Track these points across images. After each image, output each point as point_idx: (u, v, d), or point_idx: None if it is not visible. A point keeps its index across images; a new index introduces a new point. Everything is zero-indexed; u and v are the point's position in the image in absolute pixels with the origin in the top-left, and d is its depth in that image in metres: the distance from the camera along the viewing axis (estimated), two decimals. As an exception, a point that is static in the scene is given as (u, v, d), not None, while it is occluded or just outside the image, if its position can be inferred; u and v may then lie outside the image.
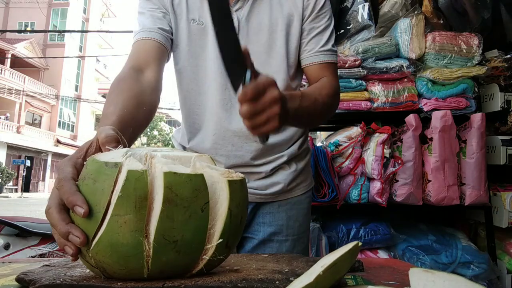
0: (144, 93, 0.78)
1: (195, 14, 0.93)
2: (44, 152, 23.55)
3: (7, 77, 20.62)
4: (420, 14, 1.97)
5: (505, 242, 1.92)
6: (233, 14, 0.92)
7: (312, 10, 0.95)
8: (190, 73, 0.96)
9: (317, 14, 0.96)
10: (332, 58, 0.97)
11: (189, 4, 0.94)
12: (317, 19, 0.96)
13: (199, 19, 0.93)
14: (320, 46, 0.95)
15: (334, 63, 0.98)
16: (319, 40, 0.96)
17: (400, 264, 0.71)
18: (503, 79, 2.02)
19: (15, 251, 2.52)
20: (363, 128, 1.85)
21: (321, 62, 0.95)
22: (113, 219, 0.44)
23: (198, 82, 0.96)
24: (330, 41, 0.97)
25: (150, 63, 0.85)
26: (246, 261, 0.61)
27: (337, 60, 1.00)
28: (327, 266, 0.36)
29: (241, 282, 0.45)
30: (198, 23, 0.93)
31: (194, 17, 0.93)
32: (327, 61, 0.96)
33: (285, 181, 0.99)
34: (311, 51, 0.96)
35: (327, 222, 1.96)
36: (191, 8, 0.93)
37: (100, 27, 28.25)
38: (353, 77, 1.93)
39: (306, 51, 0.96)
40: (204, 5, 0.93)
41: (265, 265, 0.56)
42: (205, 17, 0.93)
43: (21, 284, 0.49)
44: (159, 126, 28.93)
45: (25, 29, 22.38)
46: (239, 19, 0.92)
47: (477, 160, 1.77)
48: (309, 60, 0.96)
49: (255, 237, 1.00)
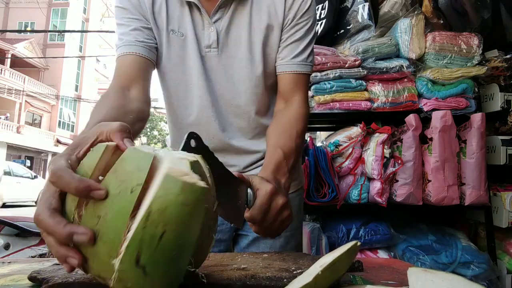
0: (129, 104, 0.77)
1: (175, 24, 0.89)
2: (44, 152, 23.55)
3: (7, 77, 20.61)
4: (420, 14, 1.97)
5: (505, 242, 1.92)
6: (212, 26, 0.88)
7: (292, 18, 0.91)
8: (172, 87, 0.94)
9: (296, 22, 0.92)
10: (305, 68, 0.93)
11: (169, 13, 0.89)
12: (295, 27, 0.92)
13: (179, 30, 0.89)
14: (294, 55, 0.91)
15: (307, 74, 0.94)
16: (294, 48, 0.91)
17: (400, 264, 0.71)
18: (503, 79, 2.02)
19: (15, 251, 2.52)
20: (363, 128, 1.85)
21: (292, 72, 0.92)
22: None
23: (179, 97, 0.94)
24: (305, 51, 0.92)
25: (134, 80, 0.84)
26: (252, 259, 0.61)
27: (311, 71, 0.96)
28: (326, 266, 0.36)
29: (250, 280, 0.45)
30: (178, 34, 0.89)
31: (173, 28, 0.89)
32: (298, 72, 0.92)
33: None
34: (284, 59, 0.92)
35: (327, 222, 1.96)
36: (171, 18, 0.89)
37: (100, 27, 28.22)
38: (353, 77, 1.93)
39: (279, 59, 0.93)
40: (185, 15, 0.89)
41: (271, 263, 0.56)
42: (185, 28, 0.89)
43: (34, 283, 0.50)
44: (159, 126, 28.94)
45: (25, 29, 22.37)
46: (218, 32, 0.89)
47: (477, 160, 1.77)
48: (280, 68, 0.93)
49: (249, 234, 1.00)
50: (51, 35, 25.29)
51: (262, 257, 0.63)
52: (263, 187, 0.66)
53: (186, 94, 0.93)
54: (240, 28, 0.90)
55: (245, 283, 0.44)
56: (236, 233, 1.04)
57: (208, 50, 0.90)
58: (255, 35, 0.91)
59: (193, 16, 0.89)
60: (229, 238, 1.02)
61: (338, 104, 1.91)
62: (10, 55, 21.48)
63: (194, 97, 0.92)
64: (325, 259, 0.39)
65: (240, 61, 0.92)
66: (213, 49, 0.90)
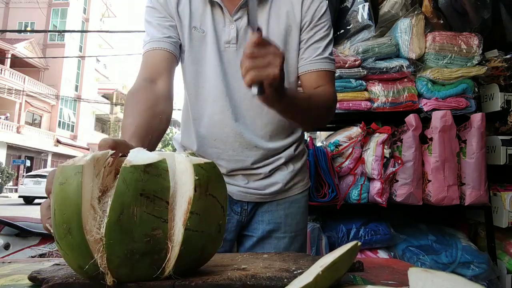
0: (158, 104, 0.83)
1: (197, 22, 0.95)
2: (44, 152, 23.54)
3: (7, 77, 20.61)
4: (420, 14, 1.97)
5: (505, 242, 1.92)
6: (233, 23, 0.94)
7: (310, 20, 0.96)
8: (191, 79, 0.99)
9: (315, 23, 0.97)
10: (329, 66, 0.97)
11: (192, 11, 0.96)
12: (315, 28, 0.97)
13: (200, 27, 0.95)
14: (317, 54, 0.96)
15: (331, 71, 0.98)
16: (316, 48, 0.96)
17: (400, 264, 0.71)
18: (503, 79, 2.02)
19: (15, 251, 2.52)
20: (363, 128, 1.85)
21: (318, 70, 0.96)
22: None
23: (198, 89, 0.98)
24: (327, 49, 0.97)
25: (161, 74, 0.90)
26: (253, 259, 0.61)
27: (335, 69, 1.00)
28: (327, 266, 0.36)
29: (250, 280, 0.45)
30: (199, 30, 0.95)
31: (195, 25, 0.95)
32: (323, 69, 0.96)
33: (283, 181, 1.01)
34: (308, 59, 0.96)
35: (327, 222, 1.96)
36: (193, 16, 0.96)
37: (100, 27, 28.24)
38: (353, 77, 1.93)
39: (303, 59, 0.97)
40: (207, 13, 0.95)
41: (272, 263, 0.56)
42: (206, 25, 0.95)
43: (34, 283, 0.50)
44: (159, 126, 28.91)
45: (25, 29, 22.37)
46: (238, 29, 0.94)
47: (477, 160, 1.77)
48: (305, 67, 0.97)
49: (254, 235, 1.02)
50: (51, 35, 25.28)
51: (262, 257, 0.63)
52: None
53: (204, 84, 0.97)
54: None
55: (246, 283, 0.44)
56: (241, 234, 1.04)
57: (228, 45, 0.95)
58: (273, 34, 0.95)
59: (215, 14, 0.95)
60: (233, 238, 1.03)
61: (338, 104, 1.91)
62: (10, 55, 21.48)
63: (211, 88, 0.96)
64: (326, 259, 0.39)
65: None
66: (232, 44, 0.95)
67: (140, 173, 0.44)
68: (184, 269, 0.47)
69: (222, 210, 0.50)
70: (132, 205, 0.43)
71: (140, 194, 0.43)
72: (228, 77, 0.96)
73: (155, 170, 0.45)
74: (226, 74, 0.96)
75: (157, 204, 0.44)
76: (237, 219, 1.01)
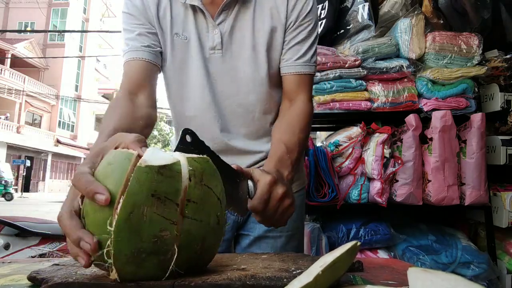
0: (139, 110, 0.82)
1: (179, 28, 0.92)
2: (44, 152, 23.56)
3: (7, 77, 20.62)
4: (420, 14, 1.97)
5: (505, 242, 1.92)
6: (216, 28, 0.91)
7: (295, 19, 0.93)
8: (175, 89, 0.97)
9: (300, 23, 0.94)
10: (309, 69, 0.95)
11: (173, 17, 0.92)
12: (298, 28, 0.94)
13: (182, 33, 0.92)
14: (297, 56, 0.93)
15: (310, 74, 0.96)
16: (298, 50, 0.94)
17: (400, 264, 0.71)
18: (503, 79, 2.02)
19: (15, 251, 2.53)
20: (363, 128, 1.85)
21: (296, 73, 0.94)
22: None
23: (182, 100, 0.96)
24: (309, 52, 0.94)
25: (141, 86, 0.88)
26: (252, 260, 0.61)
27: (314, 71, 0.98)
28: (326, 266, 0.36)
29: (250, 280, 0.45)
30: (182, 37, 0.92)
31: (177, 31, 0.92)
32: (302, 72, 0.94)
33: None
34: (288, 61, 0.94)
35: (327, 222, 1.96)
36: (175, 22, 0.92)
37: (100, 27, 28.24)
38: (353, 77, 1.93)
39: (283, 60, 0.95)
40: (188, 19, 0.92)
41: (271, 264, 0.56)
42: (189, 32, 0.92)
43: (33, 283, 0.50)
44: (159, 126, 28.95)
45: (25, 29, 22.38)
46: (222, 34, 0.91)
47: (477, 160, 1.77)
48: (285, 70, 0.95)
49: (250, 234, 1.01)
50: (51, 35, 25.30)
51: (261, 257, 0.63)
52: (263, 178, 0.68)
53: (188, 95, 0.95)
54: (244, 30, 0.92)
55: (245, 283, 0.44)
56: (238, 233, 1.04)
57: (213, 52, 0.92)
58: (258, 36, 0.92)
59: (197, 20, 0.92)
60: (230, 238, 1.03)
61: (338, 104, 1.91)
62: (10, 55, 21.49)
63: (196, 98, 0.94)
64: (325, 259, 0.39)
65: (244, 62, 0.93)
66: (217, 50, 0.92)
67: (154, 174, 0.44)
68: (185, 261, 0.47)
69: (219, 202, 0.50)
70: (143, 205, 0.43)
71: (151, 195, 0.43)
72: (214, 85, 0.93)
73: (168, 172, 0.45)
74: (213, 83, 0.93)
75: (167, 206, 0.44)
76: (233, 219, 1.01)
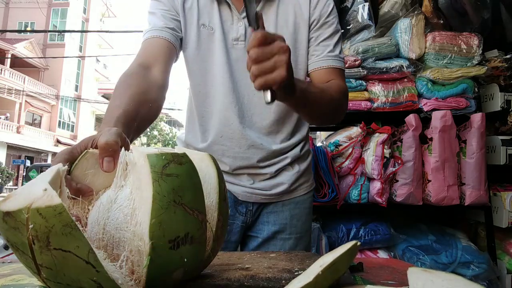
0: (150, 91, 0.79)
1: (206, 19, 0.96)
2: (44, 152, 23.54)
3: (7, 77, 20.60)
4: (420, 14, 1.97)
5: (505, 242, 1.92)
6: (241, 21, 0.95)
7: (318, 18, 0.97)
8: (199, 76, 0.99)
9: (324, 21, 0.97)
10: (340, 64, 0.97)
11: (200, 9, 0.96)
12: (324, 26, 0.97)
13: (209, 24, 0.96)
14: (327, 51, 0.96)
15: (342, 69, 0.98)
16: (327, 46, 0.97)
17: (400, 264, 0.71)
18: (503, 79, 2.02)
19: (15, 251, 2.52)
20: (363, 128, 1.85)
21: (329, 66, 0.96)
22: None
23: (206, 85, 0.98)
24: (337, 47, 0.98)
25: (158, 61, 0.87)
26: (259, 258, 0.61)
27: (344, 67, 1.00)
28: (326, 266, 0.36)
29: (248, 280, 0.45)
30: (208, 28, 0.96)
31: (204, 22, 0.96)
32: (334, 66, 0.96)
33: (289, 181, 1.01)
34: (319, 56, 0.96)
35: (327, 222, 1.96)
36: (202, 13, 0.96)
37: (100, 27, 28.23)
38: (353, 77, 1.93)
39: (314, 56, 0.97)
40: (214, 11, 0.96)
41: (276, 263, 0.56)
42: (215, 23, 0.95)
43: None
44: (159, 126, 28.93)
45: (25, 29, 22.36)
46: (247, 26, 0.94)
47: (477, 160, 1.77)
48: (316, 64, 0.97)
49: (259, 236, 1.02)
50: (51, 35, 25.27)
51: (269, 256, 0.63)
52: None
53: (212, 82, 0.97)
54: (267, 24, 0.94)
55: (243, 284, 0.44)
56: (246, 235, 1.04)
57: (236, 42, 0.95)
58: (282, 32, 0.95)
59: (222, 12, 0.96)
60: (238, 239, 1.03)
61: (338, 104, 1.91)
62: (10, 55, 21.47)
63: (218, 85, 0.96)
64: (325, 259, 0.39)
65: None
66: (240, 41, 0.95)
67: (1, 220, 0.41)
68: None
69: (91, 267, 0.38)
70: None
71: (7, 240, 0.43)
72: (235, 74, 0.96)
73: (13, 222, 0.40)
74: (234, 71, 0.96)
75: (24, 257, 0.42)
76: (242, 220, 1.01)
